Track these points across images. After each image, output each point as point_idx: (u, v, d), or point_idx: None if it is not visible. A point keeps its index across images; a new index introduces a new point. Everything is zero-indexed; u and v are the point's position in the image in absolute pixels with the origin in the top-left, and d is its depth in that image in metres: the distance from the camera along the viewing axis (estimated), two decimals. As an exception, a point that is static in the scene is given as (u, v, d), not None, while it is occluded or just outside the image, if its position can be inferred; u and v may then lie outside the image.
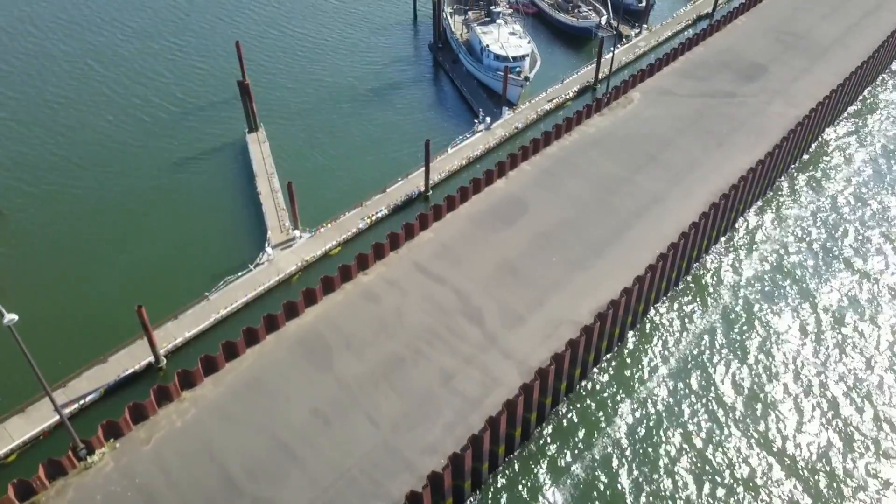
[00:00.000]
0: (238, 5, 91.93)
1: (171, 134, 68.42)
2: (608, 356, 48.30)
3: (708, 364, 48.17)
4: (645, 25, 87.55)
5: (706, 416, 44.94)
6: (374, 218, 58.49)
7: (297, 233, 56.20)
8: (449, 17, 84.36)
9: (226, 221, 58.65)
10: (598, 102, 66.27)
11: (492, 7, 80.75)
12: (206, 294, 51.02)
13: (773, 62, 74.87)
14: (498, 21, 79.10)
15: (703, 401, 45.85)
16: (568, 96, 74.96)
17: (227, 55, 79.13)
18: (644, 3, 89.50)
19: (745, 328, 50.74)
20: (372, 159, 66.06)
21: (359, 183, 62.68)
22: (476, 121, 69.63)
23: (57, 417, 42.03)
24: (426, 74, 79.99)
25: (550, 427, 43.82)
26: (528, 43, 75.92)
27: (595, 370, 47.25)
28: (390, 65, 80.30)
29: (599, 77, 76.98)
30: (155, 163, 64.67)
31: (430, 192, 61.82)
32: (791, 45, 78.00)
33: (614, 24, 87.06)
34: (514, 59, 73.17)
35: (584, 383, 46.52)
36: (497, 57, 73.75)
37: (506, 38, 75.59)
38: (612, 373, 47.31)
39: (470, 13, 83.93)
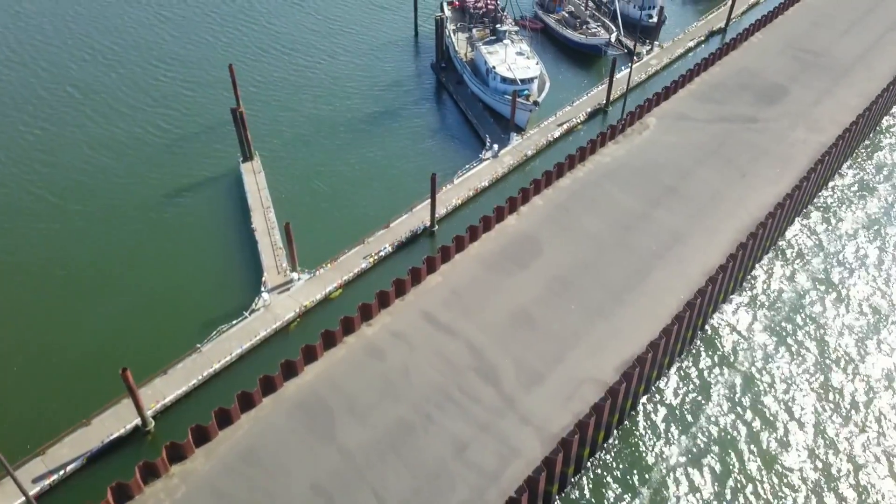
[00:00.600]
0: (229, 26, 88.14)
1: (158, 166, 64.62)
2: (633, 412, 45.05)
3: (734, 427, 44.94)
4: (656, 43, 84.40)
5: (733, 484, 41.72)
6: (377, 256, 55.20)
7: (294, 275, 52.88)
8: (452, 34, 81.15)
9: (219, 261, 55.24)
10: (612, 130, 63.08)
11: (497, 25, 77.46)
12: (198, 345, 47.63)
13: (793, 83, 71.80)
14: (504, 41, 75.92)
15: (729, 466, 42.63)
16: (579, 120, 71.75)
17: (219, 80, 75.78)
18: (655, 19, 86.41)
19: (775, 383, 47.55)
20: (373, 191, 62.75)
21: (360, 217, 59.44)
22: (484, 148, 66.45)
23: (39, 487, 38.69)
24: (429, 96, 76.69)
25: (574, 494, 40.56)
26: (537, 64, 72.70)
27: (617, 431, 43.98)
28: (391, 87, 76.97)
29: (611, 98, 73.80)
30: (141, 199, 60.96)
31: (436, 226, 58.54)
32: (811, 64, 74.96)
33: (625, 41, 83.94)
34: (522, 81, 69.95)
35: (610, 440, 43.30)
36: (504, 79, 70.53)
37: (513, 59, 72.36)
38: (637, 432, 44.05)
39: (474, 31, 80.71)
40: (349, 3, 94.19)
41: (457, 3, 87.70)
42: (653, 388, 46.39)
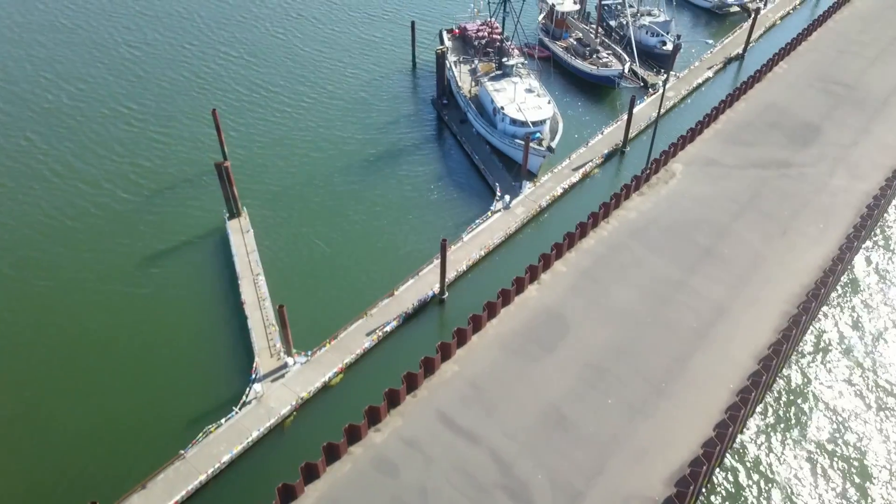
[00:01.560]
0: (209, 61, 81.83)
1: (130, 229, 58.26)
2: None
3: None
4: (673, 73, 79.37)
5: None
6: (381, 333, 49.63)
7: (290, 360, 47.20)
8: (453, 67, 75.67)
9: (204, 343, 49.40)
10: (636, 180, 57.89)
11: (504, 59, 72.02)
12: (182, 451, 41.86)
13: (825, 120, 66.99)
14: (512, 76, 70.61)
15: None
16: (595, 163, 66.51)
17: (198, 122, 70.00)
18: (669, 46, 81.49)
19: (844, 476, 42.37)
20: (375, 251, 57.14)
21: (361, 283, 53.92)
22: (494, 198, 61.12)
23: None
24: (430, 137, 71.10)
25: None
26: (549, 103, 67.34)
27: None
28: (389, 127, 71.32)
29: (629, 138, 68.62)
30: (111, 270, 54.66)
31: (446, 293, 53.05)
32: (843, 98, 70.22)
33: (639, 72, 78.87)
34: (534, 124, 64.64)
35: (655, 568, 37.96)
36: (513, 121, 65.19)
37: (522, 98, 66.99)
38: (688, 551, 38.74)
39: (478, 64, 75.32)
40: (337, 33, 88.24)
41: (456, 30, 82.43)
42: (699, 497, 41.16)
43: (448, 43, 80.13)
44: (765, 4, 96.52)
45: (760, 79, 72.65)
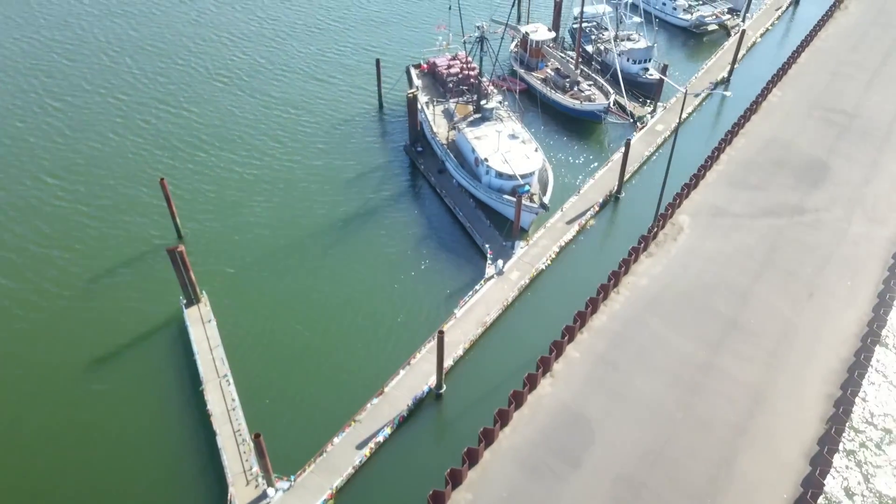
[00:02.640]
0: (146, 115, 73.99)
1: (63, 323, 50.69)
2: None
3: None
4: (660, 104, 74.65)
5: None
6: (374, 444, 43.24)
7: (270, 491, 40.52)
8: (426, 108, 69.53)
9: (163, 467, 42.22)
10: (644, 241, 52.69)
11: (483, 102, 66.18)
12: None
13: (832, 155, 63.01)
14: (492, 120, 64.92)
15: None
16: (591, 214, 61.20)
17: (138, 184, 62.66)
18: (654, 75, 76.91)
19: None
20: (357, 335, 50.62)
21: (344, 378, 47.43)
22: (486, 262, 55.31)
23: None
24: (406, 190, 64.83)
25: None
26: (536, 151, 61.79)
27: None
28: (358, 182, 64.70)
29: (623, 181, 63.50)
30: (51, 370, 47.21)
31: (444, 387, 46.96)
32: (845, 129, 66.42)
33: (627, 105, 73.81)
34: (523, 177, 59.04)
35: None
36: (500, 174, 59.49)
37: (507, 147, 61.27)
38: None
39: (452, 105, 69.41)
40: (289, 75, 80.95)
41: (425, 66, 76.37)
42: None
43: (417, 81, 74.06)
44: (743, 20, 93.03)
45: (756, 110, 68.41)
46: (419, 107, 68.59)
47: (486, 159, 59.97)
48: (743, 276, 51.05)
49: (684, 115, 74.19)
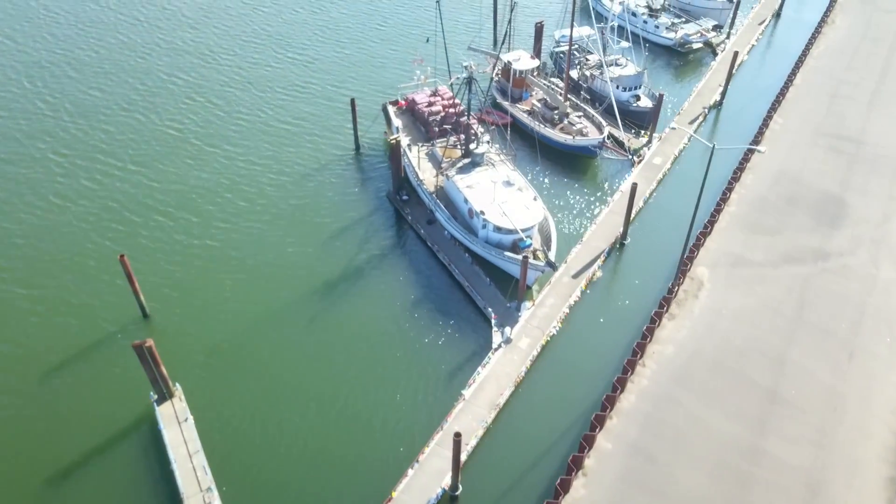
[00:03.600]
0: (90, 172, 67.00)
1: (19, 440, 43.96)
2: None
3: None
4: (656, 135, 70.60)
5: None
6: (385, 570, 38.07)
7: None
8: (408, 151, 64.26)
9: None
10: (665, 303, 48.32)
11: (472, 146, 61.14)
12: None
13: (846, 189, 59.69)
14: (482, 165, 60.02)
15: None
16: (598, 265, 56.75)
17: (91, 272, 55.89)
18: (647, 103, 72.94)
19: None
20: (355, 427, 45.18)
21: (346, 484, 42.02)
22: (492, 329, 50.44)
23: None
24: (393, 245, 59.41)
25: None
26: (535, 200, 57.06)
27: None
28: (339, 238, 58.90)
29: (629, 226, 59.21)
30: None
31: (460, 488, 41.88)
32: (854, 158, 63.26)
33: (623, 138, 69.47)
34: (524, 230, 54.29)
35: None
36: (498, 229, 54.65)
37: (503, 197, 56.36)
38: None
39: (437, 147, 64.38)
40: (252, 116, 74.37)
41: (402, 102, 71.06)
42: None
43: (396, 120, 68.71)
44: (728, 37, 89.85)
45: (759, 139, 64.76)
46: (402, 150, 63.39)
47: (482, 212, 55.01)
48: (774, 337, 47.08)
49: (683, 143, 70.43)
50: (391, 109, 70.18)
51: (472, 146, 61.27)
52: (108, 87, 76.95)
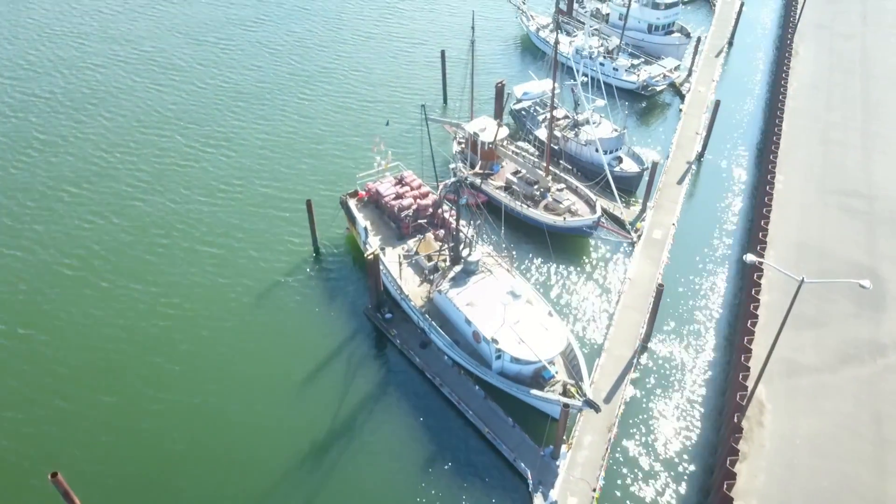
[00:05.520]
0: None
1: None
2: None
3: None
4: (649, 204, 63.85)
5: None
6: None
7: None
8: (382, 255, 54.53)
9: None
10: (732, 435, 40.98)
11: (465, 254, 52.17)
12: None
13: (875, 258, 54.54)
14: (478, 273, 51.38)
15: None
16: (627, 380, 49.16)
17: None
18: (632, 167, 66.22)
19: None
20: None
21: None
22: (529, 488, 42.01)
23: None
24: (381, 380, 49.49)
25: None
26: (551, 315, 48.78)
27: None
28: (317, 388, 47.99)
29: (652, 331, 52.04)
30: None
31: None
32: (869, 216, 58.36)
33: (621, 214, 62.06)
34: (549, 360, 46.02)
35: None
36: (516, 360, 46.16)
37: (514, 316, 47.63)
38: None
39: (412, 246, 55.40)
40: (185, 219, 63.63)
41: (363, 193, 61.37)
42: None
43: (358, 216, 59.03)
44: (689, 74, 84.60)
45: (766, 201, 58.87)
46: (381, 257, 53.77)
47: (494, 340, 46.32)
48: (863, 469, 40.65)
49: (677, 212, 64.05)
50: (352, 203, 60.48)
51: (463, 251, 52.51)
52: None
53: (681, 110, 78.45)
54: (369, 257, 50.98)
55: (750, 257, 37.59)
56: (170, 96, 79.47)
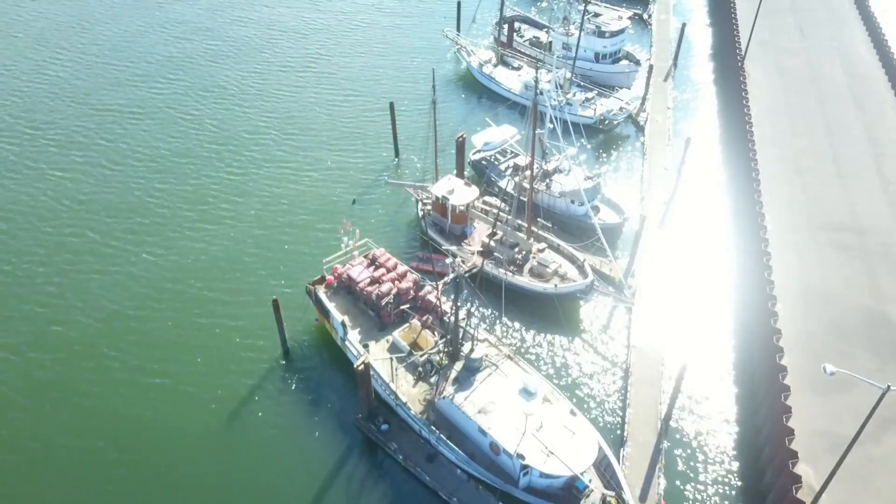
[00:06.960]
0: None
1: None
2: None
3: None
4: (637, 258, 60.18)
5: None
6: None
7: None
8: (368, 355, 48.57)
9: None
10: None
11: (469, 352, 46.63)
12: None
13: (881, 300, 52.23)
14: (481, 371, 46.28)
15: None
16: (658, 468, 45.11)
17: None
18: (608, 216, 62.75)
19: None
20: None
21: None
22: None
23: None
24: (383, 499, 44.29)
25: None
26: (574, 414, 44.04)
27: None
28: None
29: (672, 411, 48.33)
30: None
31: None
32: (864, 253, 56.30)
33: (614, 272, 58.07)
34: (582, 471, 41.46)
35: None
36: (544, 475, 41.28)
37: (535, 421, 42.78)
38: None
39: (396, 338, 49.89)
40: (149, 331, 56.22)
41: (331, 278, 55.12)
42: None
43: (329, 305, 52.89)
44: (643, 103, 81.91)
45: (768, 252, 55.92)
46: (372, 373, 47.62)
47: (520, 456, 41.33)
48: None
49: (663, 265, 60.87)
50: (321, 292, 54.19)
51: (465, 348, 47.22)
52: None
53: (643, 143, 75.75)
54: (359, 367, 45.10)
55: (830, 368, 34.09)
56: (77, 184, 70.59)
